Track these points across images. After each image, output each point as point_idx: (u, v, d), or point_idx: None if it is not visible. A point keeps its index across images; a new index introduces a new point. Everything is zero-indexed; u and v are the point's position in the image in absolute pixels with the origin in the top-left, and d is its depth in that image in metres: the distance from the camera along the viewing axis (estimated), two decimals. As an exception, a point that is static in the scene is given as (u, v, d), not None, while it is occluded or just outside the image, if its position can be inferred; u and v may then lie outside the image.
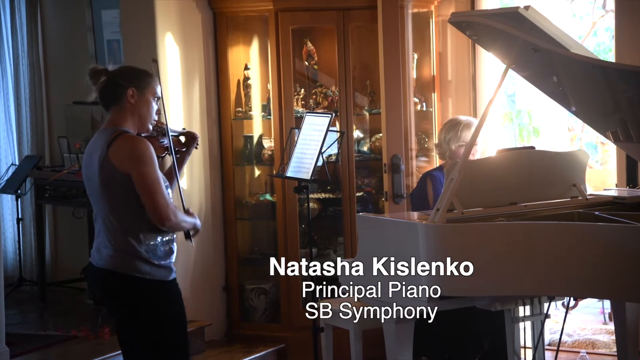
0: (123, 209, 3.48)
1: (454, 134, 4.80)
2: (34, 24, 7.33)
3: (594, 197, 4.21)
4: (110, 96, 3.54)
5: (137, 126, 3.55)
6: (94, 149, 3.52)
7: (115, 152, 3.43)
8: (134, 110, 3.53)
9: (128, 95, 3.52)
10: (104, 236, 3.53)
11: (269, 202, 5.93)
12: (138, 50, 5.59)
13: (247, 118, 5.93)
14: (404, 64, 5.55)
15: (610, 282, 3.46)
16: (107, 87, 3.53)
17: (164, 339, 3.56)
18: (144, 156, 3.43)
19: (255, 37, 5.93)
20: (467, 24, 3.94)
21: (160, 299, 3.54)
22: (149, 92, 3.57)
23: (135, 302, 3.52)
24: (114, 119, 3.53)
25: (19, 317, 6.40)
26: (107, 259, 3.51)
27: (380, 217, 4.00)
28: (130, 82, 3.53)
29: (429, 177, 4.85)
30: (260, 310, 5.91)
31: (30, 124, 7.35)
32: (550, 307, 4.14)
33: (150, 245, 3.50)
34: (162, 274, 3.54)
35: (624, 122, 3.90)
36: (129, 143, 3.45)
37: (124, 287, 3.51)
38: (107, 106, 3.56)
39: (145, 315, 3.52)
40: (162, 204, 3.43)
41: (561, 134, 6.94)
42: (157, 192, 3.43)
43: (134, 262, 3.48)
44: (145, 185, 3.41)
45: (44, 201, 6.93)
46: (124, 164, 3.42)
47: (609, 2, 7.10)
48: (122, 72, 3.58)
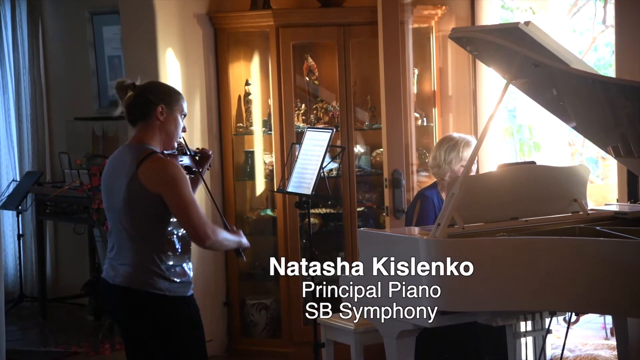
0: (147, 227, 3.43)
1: (455, 155, 4.70)
2: (35, 40, 7.36)
3: (595, 212, 4.21)
4: (138, 112, 3.49)
5: (163, 143, 3.51)
6: (120, 164, 3.47)
7: (145, 172, 3.39)
8: (162, 128, 3.49)
9: (157, 112, 3.48)
10: (122, 252, 3.47)
11: (270, 217, 5.93)
12: (139, 66, 5.61)
13: (248, 133, 5.94)
14: (404, 79, 5.56)
15: (611, 298, 3.45)
16: (135, 102, 3.49)
17: (185, 355, 3.50)
18: (176, 178, 3.38)
19: (256, 53, 5.95)
20: (467, 40, 3.95)
21: (180, 315, 3.49)
22: (178, 109, 3.53)
23: (154, 319, 3.46)
24: (141, 135, 3.49)
25: (19, 333, 6.40)
26: (124, 276, 3.45)
27: (381, 232, 4.00)
28: (161, 99, 3.49)
29: (420, 198, 4.77)
30: (261, 326, 5.90)
31: (32, 140, 7.36)
32: (552, 323, 4.12)
33: (171, 262, 3.47)
34: (181, 290, 3.50)
35: (624, 137, 3.90)
36: (160, 165, 3.40)
37: (142, 304, 3.45)
38: (134, 121, 3.51)
39: (165, 332, 3.47)
40: (199, 224, 3.39)
41: (562, 149, 6.94)
42: (193, 212, 3.38)
43: (153, 279, 3.43)
44: (180, 206, 3.38)
45: (45, 217, 6.93)
46: (155, 186, 3.38)
47: (609, 17, 7.11)
48: (152, 88, 3.54)
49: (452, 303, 3.60)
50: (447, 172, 4.75)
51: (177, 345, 3.48)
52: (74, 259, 7.32)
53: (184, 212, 3.38)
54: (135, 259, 3.44)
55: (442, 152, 4.75)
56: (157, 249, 3.44)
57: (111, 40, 7.16)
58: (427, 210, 4.68)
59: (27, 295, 7.17)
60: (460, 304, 3.61)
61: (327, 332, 4.69)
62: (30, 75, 7.34)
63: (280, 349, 5.80)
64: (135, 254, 3.44)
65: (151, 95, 3.50)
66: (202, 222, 3.40)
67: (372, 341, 4.47)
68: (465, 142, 4.75)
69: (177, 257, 3.50)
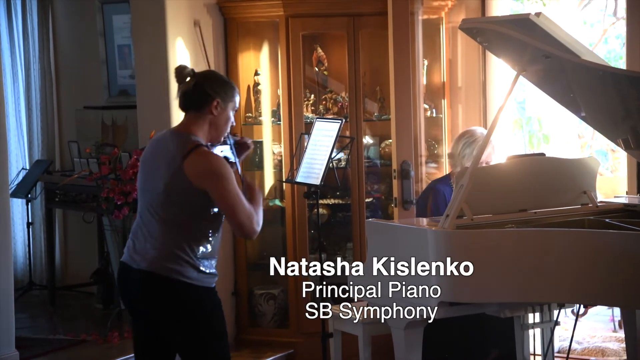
0: (185, 216, 3.42)
1: (469, 152, 4.66)
2: (45, 29, 7.36)
3: (604, 205, 4.20)
4: (194, 100, 3.48)
5: (211, 136, 3.49)
6: (164, 151, 3.45)
7: (191, 166, 3.37)
8: (213, 122, 3.48)
9: (212, 106, 3.46)
10: (153, 237, 3.43)
11: (279, 208, 5.93)
12: (149, 56, 5.61)
13: (257, 123, 5.94)
14: (414, 70, 5.55)
15: (620, 290, 3.45)
16: (193, 90, 3.48)
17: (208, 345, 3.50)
18: (222, 173, 3.37)
19: (265, 43, 5.94)
20: (478, 31, 3.94)
21: (207, 304, 3.48)
22: (231, 105, 3.52)
23: (180, 307, 3.44)
24: (190, 124, 3.47)
25: (28, 321, 6.42)
26: (151, 261, 3.41)
27: (390, 222, 4.00)
28: (218, 93, 3.48)
29: (432, 192, 4.75)
30: (269, 316, 5.91)
31: (41, 128, 7.38)
32: (560, 315, 4.12)
33: (202, 253, 3.45)
34: (208, 281, 3.48)
35: (634, 130, 3.89)
36: (206, 159, 3.39)
37: (169, 291, 3.42)
38: (187, 109, 3.50)
39: (191, 321, 3.45)
40: (246, 220, 3.41)
41: (571, 141, 6.92)
42: (239, 208, 3.39)
43: (183, 266, 3.41)
44: (227, 202, 3.38)
45: (54, 205, 6.95)
46: (201, 181, 3.36)
47: (619, 9, 7.09)
48: (211, 79, 3.53)
49: (460, 294, 3.60)
50: (458, 166, 4.74)
51: (201, 335, 3.46)
52: (83, 248, 7.34)
53: (231, 208, 3.38)
54: (166, 244, 3.41)
55: (459, 146, 4.75)
56: (191, 238, 3.42)
57: (121, 29, 7.16)
58: (438, 205, 4.68)
59: (36, 283, 7.20)
60: (468, 295, 3.61)
61: (335, 323, 4.69)
62: (40, 64, 7.35)
63: (288, 339, 5.81)
64: (167, 240, 3.41)
65: (209, 87, 3.48)
66: (248, 216, 3.42)
67: (379, 332, 4.47)
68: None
69: (209, 250, 3.49)
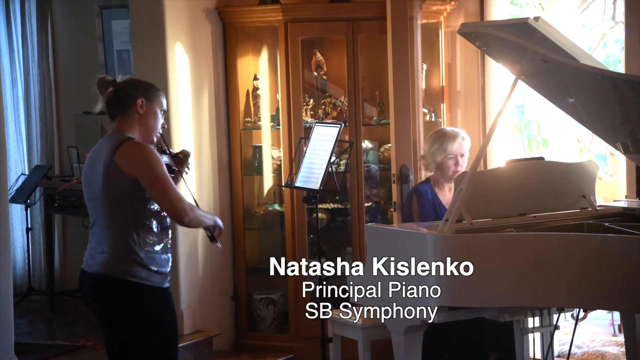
0: (124, 212, 3.50)
1: (438, 146, 4.68)
2: (44, 34, 7.36)
3: (603, 208, 4.20)
4: (118, 105, 3.59)
5: (142, 137, 3.59)
6: (97, 154, 3.56)
7: (121, 156, 3.47)
8: (142, 121, 3.58)
9: (137, 105, 3.57)
10: (102, 241, 3.55)
11: (278, 212, 5.93)
12: (148, 61, 5.61)
13: (256, 128, 5.94)
14: (413, 74, 5.55)
15: (619, 294, 3.45)
16: (115, 96, 3.59)
17: (156, 346, 3.56)
18: (150, 159, 3.48)
19: (264, 48, 5.95)
20: (476, 35, 3.94)
21: (156, 305, 3.55)
22: (157, 104, 3.62)
23: (130, 308, 3.52)
24: (121, 127, 3.58)
25: (27, 327, 6.41)
26: (101, 264, 3.52)
27: (389, 227, 4.00)
28: (141, 93, 3.58)
29: (415, 194, 4.76)
30: (269, 320, 5.91)
31: (40, 133, 7.37)
32: (560, 319, 4.12)
33: (149, 251, 3.52)
34: (158, 280, 3.56)
35: (633, 134, 3.89)
36: (135, 148, 3.50)
37: (120, 293, 3.52)
38: (114, 115, 3.61)
39: (140, 322, 3.53)
40: (176, 199, 3.48)
41: (570, 145, 6.92)
42: (169, 189, 3.48)
43: (132, 267, 3.50)
44: (156, 185, 3.46)
45: (53, 211, 6.94)
46: (131, 168, 3.46)
47: (618, 13, 7.09)
48: (131, 83, 3.65)
49: (459, 298, 3.60)
50: (431, 164, 4.74)
51: (149, 335, 3.53)
52: (82, 253, 7.25)
53: (161, 190, 3.47)
54: (113, 246, 3.51)
55: (427, 144, 4.77)
56: (134, 235, 3.50)
57: (120, 34, 7.16)
58: (424, 207, 4.67)
59: (35, 289, 7.19)
60: (467, 300, 3.61)
61: (335, 327, 4.69)
62: (39, 69, 7.35)
63: (288, 343, 5.80)
64: (114, 242, 3.51)
65: (131, 89, 3.59)
66: (178, 198, 3.49)
67: (379, 336, 4.46)
68: (452, 135, 4.72)
69: (157, 248, 3.55)
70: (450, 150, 4.68)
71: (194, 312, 5.71)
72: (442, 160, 4.68)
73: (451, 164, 4.70)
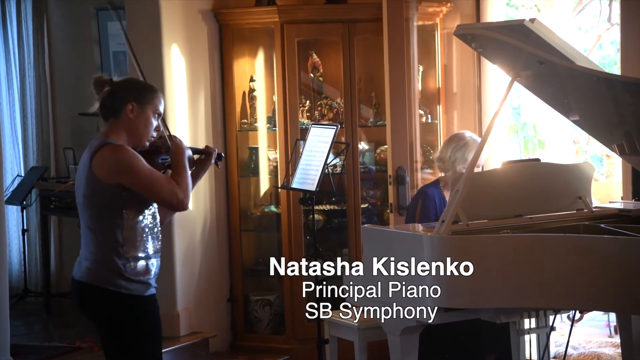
0: (103, 220, 3.46)
1: (460, 155, 4.62)
2: (40, 36, 7.36)
3: (599, 210, 4.21)
4: (110, 108, 3.50)
5: (132, 141, 3.50)
6: (82, 160, 3.52)
7: (97, 163, 3.41)
8: (131, 125, 3.49)
9: (127, 110, 3.47)
10: (85, 247, 3.53)
11: (274, 214, 5.93)
12: (144, 62, 5.56)
13: (253, 129, 5.94)
14: (409, 76, 5.56)
15: (615, 295, 3.45)
16: (108, 98, 3.50)
17: (137, 354, 3.53)
18: (128, 161, 3.40)
19: (260, 49, 5.95)
20: (472, 37, 3.94)
21: (134, 313, 3.50)
22: (150, 108, 3.51)
23: (109, 316, 3.50)
24: (109, 130, 3.50)
25: (23, 328, 6.40)
26: (85, 272, 3.50)
27: (385, 228, 4.00)
28: (133, 97, 3.49)
29: (422, 195, 4.72)
30: (265, 322, 5.91)
31: (36, 135, 7.37)
32: (556, 320, 4.12)
33: (130, 259, 3.47)
34: (138, 288, 3.49)
35: (629, 135, 3.90)
36: (110, 154, 3.41)
37: (99, 301, 3.49)
38: (106, 117, 3.53)
39: (119, 330, 3.50)
40: (168, 194, 3.43)
41: (566, 147, 6.92)
42: (157, 185, 3.42)
43: (111, 275, 3.45)
44: (142, 185, 3.41)
45: (49, 212, 6.93)
46: (109, 175, 3.40)
47: (614, 15, 7.10)
48: (125, 85, 3.54)
49: (455, 300, 3.60)
50: (449, 170, 4.71)
51: (126, 344, 3.50)
52: (77, 255, 7.31)
53: (150, 189, 3.42)
54: (95, 254, 3.48)
55: (449, 150, 4.69)
56: (114, 243, 3.45)
57: (116, 35, 7.16)
58: (427, 208, 4.65)
59: (32, 290, 7.18)
60: (463, 301, 3.61)
61: (331, 329, 4.69)
62: (35, 70, 7.34)
63: (284, 345, 5.80)
64: (96, 250, 3.47)
65: (124, 92, 3.50)
66: (168, 190, 3.43)
67: (375, 337, 4.47)
68: (474, 146, 4.66)
69: (136, 250, 3.48)
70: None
71: (190, 313, 5.71)
72: (461, 170, 4.63)
73: None
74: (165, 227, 5.42)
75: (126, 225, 3.46)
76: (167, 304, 5.45)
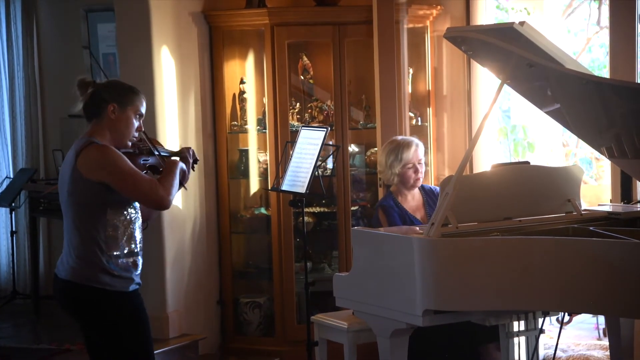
0: (87, 217, 3.52)
1: (394, 157, 4.68)
2: (29, 37, 7.33)
3: (588, 213, 4.22)
4: (92, 109, 3.59)
5: (114, 141, 3.58)
6: (66, 159, 3.59)
7: (82, 161, 3.49)
8: (113, 126, 3.57)
9: (109, 111, 3.56)
10: (68, 245, 3.57)
11: (264, 216, 5.93)
12: (134, 64, 5.60)
13: (243, 132, 5.93)
14: (399, 78, 5.56)
15: (604, 298, 3.46)
16: (91, 99, 3.59)
17: (125, 350, 3.57)
18: (112, 160, 3.48)
19: (251, 51, 5.94)
20: (462, 39, 3.95)
21: (119, 309, 3.56)
22: (131, 109, 3.60)
23: (94, 314, 3.55)
24: (92, 131, 3.59)
25: (12, 330, 6.38)
26: (69, 270, 3.55)
27: (376, 231, 4.00)
28: (114, 98, 3.57)
29: (381, 209, 4.73)
30: (255, 324, 5.90)
31: (25, 137, 7.34)
32: (545, 323, 4.13)
33: (112, 255, 3.53)
34: (121, 284, 3.55)
35: (618, 138, 3.91)
36: (95, 152, 3.49)
37: (84, 299, 3.54)
38: (89, 118, 3.62)
39: (106, 327, 3.55)
40: (149, 191, 3.49)
41: (556, 150, 6.95)
42: (139, 183, 3.49)
43: (95, 273, 3.51)
44: (124, 183, 3.48)
45: (38, 214, 6.91)
46: (93, 173, 3.48)
47: (603, 18, 7.13)
48: (107, 86, 3.63)
49: (445, 302, 3.60)
50: (391, 177, 4.72)
51: (117, 340, 3.55)
52: (67, 257, 7.30)
53: (132, 187, 3.49)
54: (79, 252, 3.53)
55: (383, 156, 4.76)
56: (98, 240, 3.51)
57: (106, 37, 7.14)
58: (393, 218, 4.67)
59: (20, 292, 7.15)
60: (453, 303, 3.62)
61: (320, 331, 4.69)
62: (24, 72, 7.32)
63: (274, 347, 5.80)
64: (79, 247, 3.53)
65: (105, 93, 3.58)
66: (149, 187, 3.50)
67: (365, 340, 4.47)
68: (405, 144, 4.71)
69: (120, 247, 3.54)
70: (407, 159, 4.67)
71: (179, 315, 5.69)
72: (401, 171, 4.67)
73: (411, 173, 4.69)
74: (154, 229, 5.45)
75: (110, 222, 3.53)
76: (156, 306, 5.44)
